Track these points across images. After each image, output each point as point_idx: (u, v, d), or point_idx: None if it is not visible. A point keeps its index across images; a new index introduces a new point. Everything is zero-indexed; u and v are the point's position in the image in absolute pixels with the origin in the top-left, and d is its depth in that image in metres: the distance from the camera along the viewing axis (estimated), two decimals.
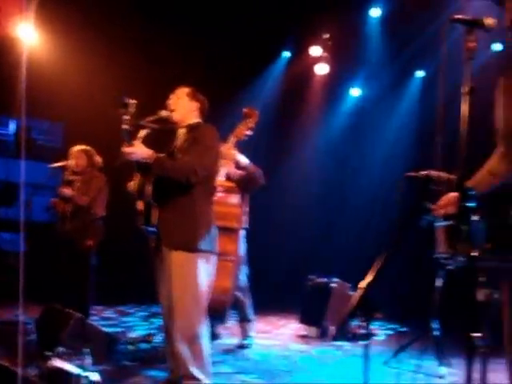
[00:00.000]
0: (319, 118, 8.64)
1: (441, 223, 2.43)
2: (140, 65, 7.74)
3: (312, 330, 6.14)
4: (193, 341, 3.46)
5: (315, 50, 8.49)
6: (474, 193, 2.18)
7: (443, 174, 2.25)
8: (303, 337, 6.17)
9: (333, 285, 6.14)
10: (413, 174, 2.25)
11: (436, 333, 4.44)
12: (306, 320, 6.26)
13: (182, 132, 3.72)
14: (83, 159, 5.71)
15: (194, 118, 3.75)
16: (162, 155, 3.54)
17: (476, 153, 2.90)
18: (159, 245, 3.55)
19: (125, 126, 3.41)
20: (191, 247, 3.45)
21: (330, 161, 8.23)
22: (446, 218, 2.39)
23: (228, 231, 4.52)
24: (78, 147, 5.77)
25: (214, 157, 3.61)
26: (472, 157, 2.39)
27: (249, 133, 5.21)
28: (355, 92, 8.64)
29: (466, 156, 2.16)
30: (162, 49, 7.74)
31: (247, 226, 5.58)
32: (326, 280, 6.29)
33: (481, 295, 2.38)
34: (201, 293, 3.47)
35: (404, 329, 6.57)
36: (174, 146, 3.69)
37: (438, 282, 4.29)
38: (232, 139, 5.14)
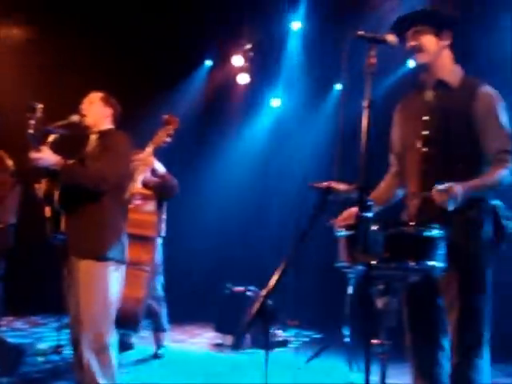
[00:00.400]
0: (240, 127, 8.70)
1: (342, 233, 2.50)
2: (55, 69, 7.53)
3: (228, 339, 6.14)
4: (101, 352, 3.39)
5: (237, 60, 8.55)
6: (372, 204, 2.26)
7: (343, 186, 2.32)
8: (219, 345, 6.17)
9: (249, 293, 6.18)
10: (314, 184, 2.30)
11: (347, 339, 4.55)
12: (221, 329, 6.26)
13: (93, 138, 3.66)
14: None
15: (107, 124, 3.70)
16: (71, 161, 3.46)
17: (380, 164, 3.05)
18: (67, 253, 3.47)
19: (30, 131, 3.32)
20: (100, 256, 3.38)
21: (250, 170, 8.28)
22: (347, 228, 2.47)
23: (143, 240, 4.45)
24: None
25: (126, 164, 3.56)
26: (376, 169, 2.49)
27: (168, 140, 5.17)
28: (275, 103, 8.76)
29: (366, 168, 2.23)
30: (80, 54, 7.56)
31: (164, 235, 5.54)
32: (242, 288, 6.32)
33: (379, 303, 2.47)
34: (109, 303, 3.41)
35: (318, 335, 6.69)
36: (85, 152, 3.62)
37: (349, 290, 4.40)
38: (150, 146, 5.08)
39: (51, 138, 3.50)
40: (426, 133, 2.83)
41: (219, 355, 5.81)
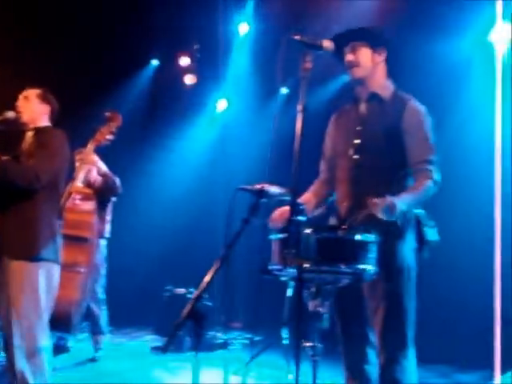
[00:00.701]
0: (185, 127, 8.63)
1: (275, 236, 2.51)
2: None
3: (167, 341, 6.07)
4: (33, 355, 3.30)
5: (184, 60, 8.51)
6: (304, 207, 2.29)
7: (276, 188, 2.33)
8: (157, 348, 6.10)
9: (189, 296, 6.14)
10: (246, 187, 2.31)
11: (285, 341, 4.58)
12: (161, 331, 6.19)
13: (29, 135, 3.57)
14: None
15: (43, 121, 3.62)
16: (4, 158, 3.36)
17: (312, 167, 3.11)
18: None
19: None
20: (32, 256, 3.29)
21: (194, 171, 8.23)
22: (279, 231, 2.49)
23: (79, 241, 4.35)
24: None
25: (61, 162, 3.47)
26: (310, 171, 2.52)
27: (110, 137, 5.08)
28: (222, 104, 8.75)
29: (298, 172, 2.25)
30: (25, 51, 7.36)
31: (108, 236, 5.44)
32: (183, 291, 6.27)
33: (311, 305, 2.50)
34: (42, 305, 3.32)
35: (259, 338, 6.71)
36: (21, 149, 3.53)
37: (288, 292, 4.44)
38: (92, 144, 4.98)
39: None
40: (357, 141, 2.97)
41: (158, 357, 5.75)
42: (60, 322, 3.78)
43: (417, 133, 2.91)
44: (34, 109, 3.61)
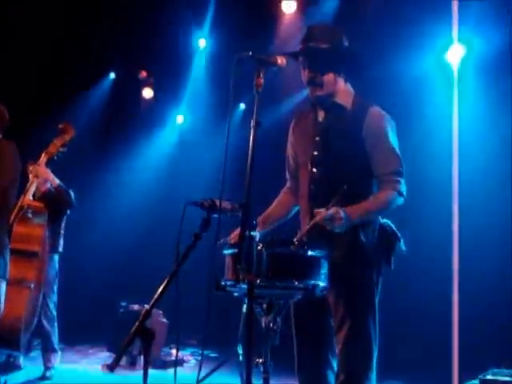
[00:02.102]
0: (143, 141, 8.57)
1: (227, 251, 2.49)
2: None
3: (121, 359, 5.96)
4: None
5: (142, 74, 8.47)
6: (255, 222, 2.28)
7: (226, 203, 2.31)
8: (107, 366, 5.97)
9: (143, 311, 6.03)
10: (197, 201, 2.29)
11: (240, 358, 4.54)
12: (115, 348, 6.07)
13: None
14: None
15: None
16: None
17: (265, 186, 3.08)
18: None
19: None
20: None
21: (150, 186, 8.17)
22: (232, 246, 2.46)
23: (28, 255, 4.23)
24: None
25: (11, 175, 3.40)
26: (260, 189, 2.51)
27: (62, 150, 5.00)
28: (179, 119, 8.72)
29: (250, 187, 2.24)
30: None
31: (61, 250, 5.31)
32: (137, 307, 6.17)
33: (263, 321, 2.48)
34: None
35: (214, 354, 6.64)
36: None
37: (244, 308, 4.41)
38: (44, 156, 4.89)
39: None
40: (315, 153, 2.84)
41: (111, 375, 5.62)
42: (8, 339, 3.67)
43: (380, 142, 2.77)
44: None
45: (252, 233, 2.20)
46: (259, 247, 2.32)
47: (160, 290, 2.16)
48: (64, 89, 7.74)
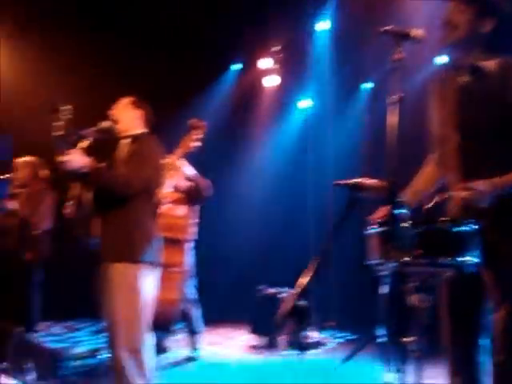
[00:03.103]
0: (268, 129, 8.69)
1: (372, 230, 2.46)
2: (89, 77, 7.63)
3: (263, 341, 6.13)
4: (136, 355, 3.39)
5: (264, 63, 8.55)
6: (403, 200, 2.23)
7: (372, 182, 2.28)
8: (254, 347, 6.16)
9: (282, 295, 6.16)
10: (342, 181, 2.28)
11: (382, 339, 4.49)
12: (257, 330, 6.25)
13: (125, 143, 3.67)
14: (27, 171, 5.58)
15: (139, 128, 3.69)
16: (101, 165, 3.48)
17: (408, 161, 2.98)
18: (101, 257, 3.50)
19: (56, 133, 3.28)
20: (133, 258, 3.40)
21: (279, 173, 8.27)
22: (379, 225, 2.43)
23: (174, 243, 4.49)
24: (22, 159, 5.65)
25: (154, 168, 3.55)
26: (404, 165, 2.45)
27: (196, 144, 5.20)
28: (304, 104, 8.71)
29: (395, 164, 2.20)
30: (108, 60, 7.65)
31: (196, 238, 5.55)
32: (275, 290, 6.31)
33: (413, 300, 2.43)
34: (144, 306, 3.42)
35: (353, 336, 6.62)
36: (115, 157, 3.65)
37: (382, 289, 4.35)
38: (179, 151, 5.12)
39: (85, 143, 3.51)
40: (461, 122, 2.64)
41: (254, 357, 5.80)
42: (161, 323, 3.88)
43: None
44: (128, 116, 3.69)
45: (400, 210, 2.17)
46: (407, 225, 2.28)
47: (310, 272, 2.18)
48: (190, 83, 8.00)
